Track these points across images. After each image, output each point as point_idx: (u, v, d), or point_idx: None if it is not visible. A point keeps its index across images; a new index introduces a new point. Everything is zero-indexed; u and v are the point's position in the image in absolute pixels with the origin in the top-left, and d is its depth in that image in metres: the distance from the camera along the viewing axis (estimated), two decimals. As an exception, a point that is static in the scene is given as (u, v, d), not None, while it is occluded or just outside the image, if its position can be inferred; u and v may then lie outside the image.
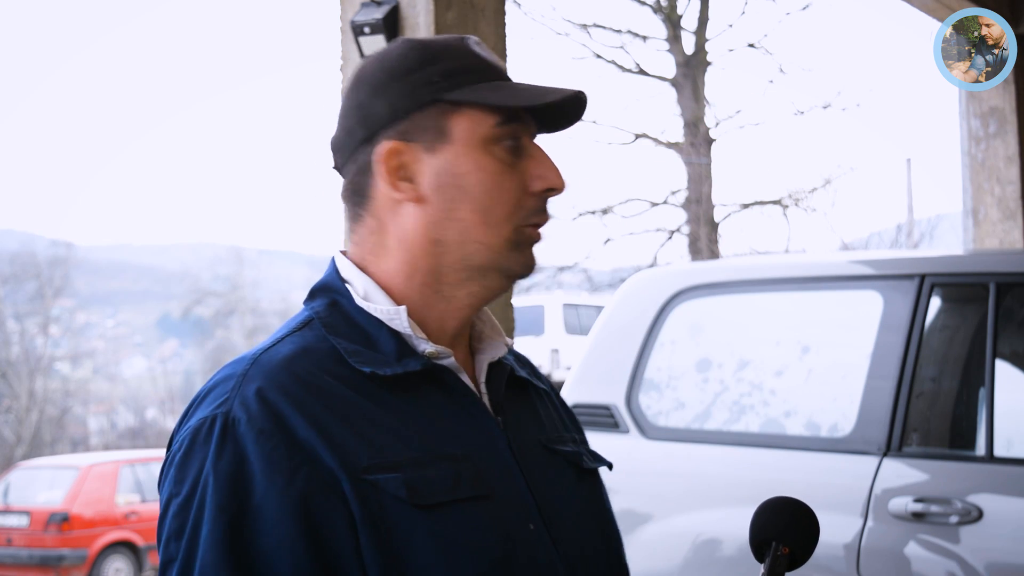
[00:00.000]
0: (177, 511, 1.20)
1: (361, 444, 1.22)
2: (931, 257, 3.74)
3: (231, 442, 1.20)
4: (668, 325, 3.87)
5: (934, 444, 3.43)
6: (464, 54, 1.35)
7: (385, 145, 1.32)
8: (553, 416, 1.47)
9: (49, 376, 31.45)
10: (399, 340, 1.31)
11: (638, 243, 37.68)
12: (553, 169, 1.35)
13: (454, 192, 1.31)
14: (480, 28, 3.90)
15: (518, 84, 1.35)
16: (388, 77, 1.33)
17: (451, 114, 1.32)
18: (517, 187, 1.33)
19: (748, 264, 4.42)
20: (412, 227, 1.33)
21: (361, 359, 1.27)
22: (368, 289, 1.33)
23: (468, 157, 1.31)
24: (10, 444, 27.43)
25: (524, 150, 1.35)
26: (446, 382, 1.31)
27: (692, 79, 18.48)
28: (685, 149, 18.34)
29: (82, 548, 13.51)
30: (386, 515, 1.20)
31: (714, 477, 3.63)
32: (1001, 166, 6.60)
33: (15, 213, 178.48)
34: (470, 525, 1.23)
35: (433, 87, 1.32)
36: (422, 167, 1.32)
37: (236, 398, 1.22)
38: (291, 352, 1.27)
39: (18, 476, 14.85)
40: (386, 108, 1.33)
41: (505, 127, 1.32)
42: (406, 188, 1.32)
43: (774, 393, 3.65)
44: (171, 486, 1.22)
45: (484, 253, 1.32)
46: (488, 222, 1.31)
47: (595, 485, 1.45)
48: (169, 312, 56.99)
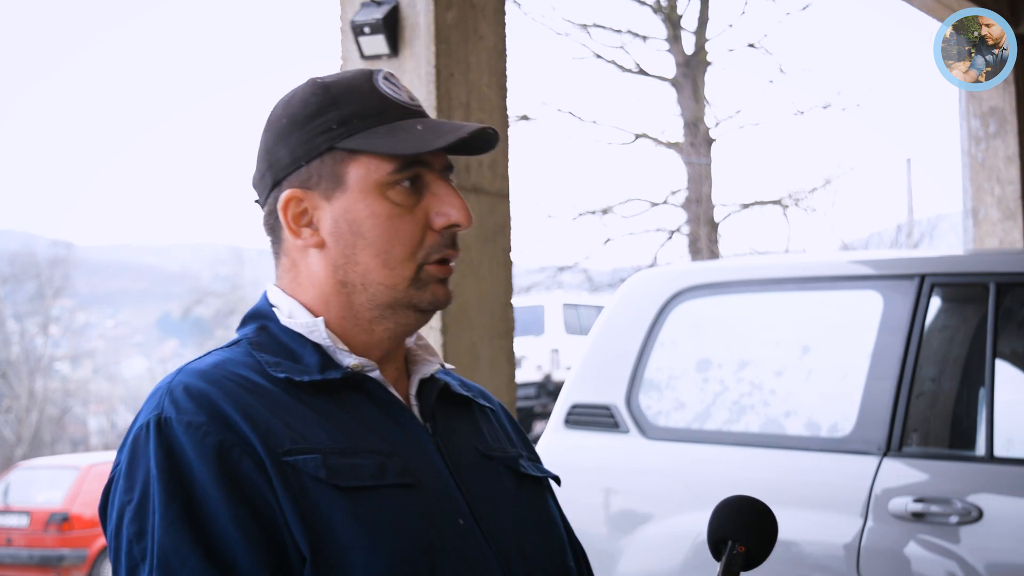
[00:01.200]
0: (133, 516, 1.24)
1: (283, 430, 1.26)
2: (931, 257, 3.74)
3: (164, 438, 1.24)
4: (668, 325, 3.87)
5: (934, 444, 3.42)
6: (365, 96, 1.36)
7: (287, 193, 1.36)
8: (498, 432, 1.49)
9: (49, 376, 31.45)
10: (323, 354, 1.35)
11: (638, 243, 37.71)
12: (455, 205, 1.36)
13: (352, 238, 1.35)
14: (480, 28, 3.90)
15: (417, 125, 1.36)
16: (290, 124, 1.37)
17: (347, 161, 1.34)
18: (417, 227, 1.35)
19: (748, 264, 4.41)
20: (318, 270, 1.37)
21: (279, 368, 1.32)
22: (292, 308, 1.38)
23: (363, 203, 1.34)
24: (10, 444, 27.44)
25: (426, 188, 1.36)
26: (371, 392, 1.35)
27: (692, 79, 18.48)
28: (685, 149, 18.35)
29: (82, 548, 13.49)
30: (307, 495, 1.23)
31: (714, 477, 3.63)
32: (1001, 166, 6.60)
33: (15, 213, 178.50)
34: (393, 510, 1.26)
35: (329, 135, 1.34)
36: (321, 214, 1.36)
37: (165, 400, 1.27)
38: (217, 359, 1.33)
39: (18, 476, 14.85)
40: (287, 156, 1.37)
41: (401, 172, 1.34)
42: (307, 235, 1.37)
43: (774, 393, 3.65)
44: (122, 495, 1.26)
45: (388, 293, 1.35)
46: (388, 264, 1.35)
47: (537, 493, 1.46)
48: (169, 312, 56.97)
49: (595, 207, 18.77)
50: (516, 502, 1.40)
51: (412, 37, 3.79)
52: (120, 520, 1.25)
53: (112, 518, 1.27)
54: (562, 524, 1.49)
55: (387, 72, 1.40)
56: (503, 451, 1.45)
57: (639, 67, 18.66)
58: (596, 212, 18.72)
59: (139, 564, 1.22)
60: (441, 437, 1.37)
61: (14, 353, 30.54)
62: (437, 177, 1.37)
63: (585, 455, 3.81)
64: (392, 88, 1.38)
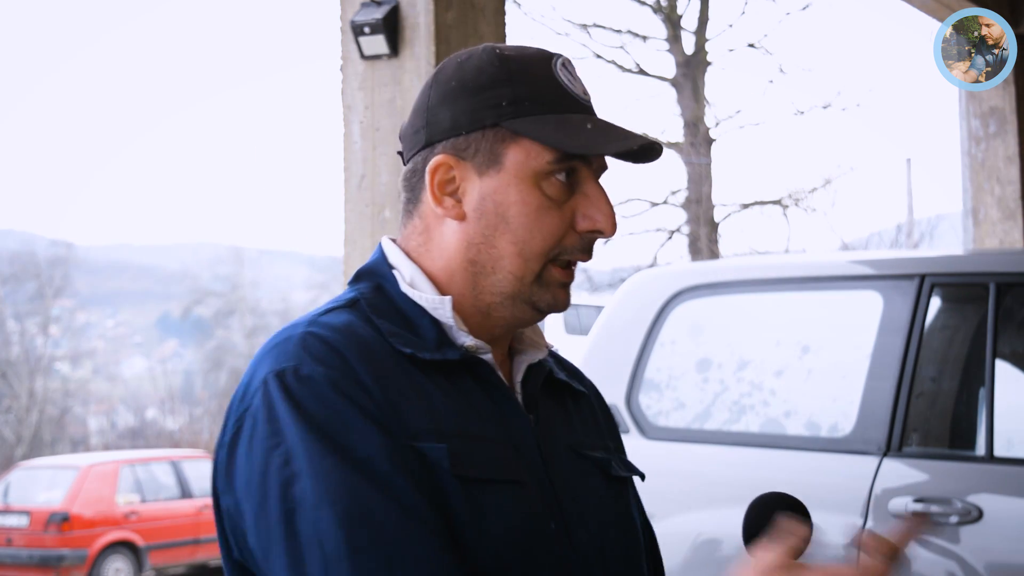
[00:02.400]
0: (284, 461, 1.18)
1: (414, 407, 1.24)
2: (931, 257, 3.74)
3: (308, 385, 1.20)
4: (668, 325, 3.87)
5: (934, 444, 3.42)
6: (542, 79, 1.32)
7: (439, 158, 1.32)
8: (588, 421, 1.47)
9: (49, 376, 31.47)
10: (440, 329, 1.32)
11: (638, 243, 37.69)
12: (604, 212, 1.32)
13: (495, 220, 1.31)
14: (480, 28, 3.90)
15: (588, 121, 1.32)
16: (459, 88, 1.32)
17: (509, 142, 1.30)
18: (561, 224, 1.31)
19: (748, 264, 4.41)
20: (452, 242, 1.33)
21: (402, 340, 1.29)
22: (415, 277, 1.34)
23: (515, 188, 1.30)
24: (10, 444, 27.45)
25: (579, 186, 1.33)
26: (482, 375, 1.32)
27: (692, 79, 18.48)
28: (685, 149, 18.34)
29: (82, 548, 13.50)
30: (434, 480, 1.21)
31: (714, 477, 3.63)
32: (1001, 166, 6.60)
33: (15, 213, 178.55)
34: (504, 508, 1.24)
35: (497, 111, 1.30)
36: (470, 187, 1.32)
37: (302, 352, 1.23)
38: (345, 320, 1.29)
39: (18, 476, 14.85)
40: (449, 120, 1.32)
41: (560, 163, 1.30)
42: (450, 205, 1.32)
43: (774, 393, 3.65)
44: (266, 440, 1.20)
45: (513, 284, 1.32)
46: (523, 254, 1.31)
47: (623, 493, 1.44)
48: (169, 312, 57.00)
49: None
50: (602, 505, 1.38)
51: (412, 37, 3.79)
52: (266, 466, 1.19)
53: (254, 463, 1.20)
54: (640, 524, 1.47)
55: (566, 59, 1.35)
56: (594, 447, 1.43)
57: (639, 67, 18.67)
58: (596, 212, 18.69)
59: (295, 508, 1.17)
60: (542, 429, 1.35)
61: (14, 353, 30.56)
62: (592, 178, 1.34)
63: (585, 455, 3.81)
64: (569, 77, 1.34)
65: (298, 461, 1.18)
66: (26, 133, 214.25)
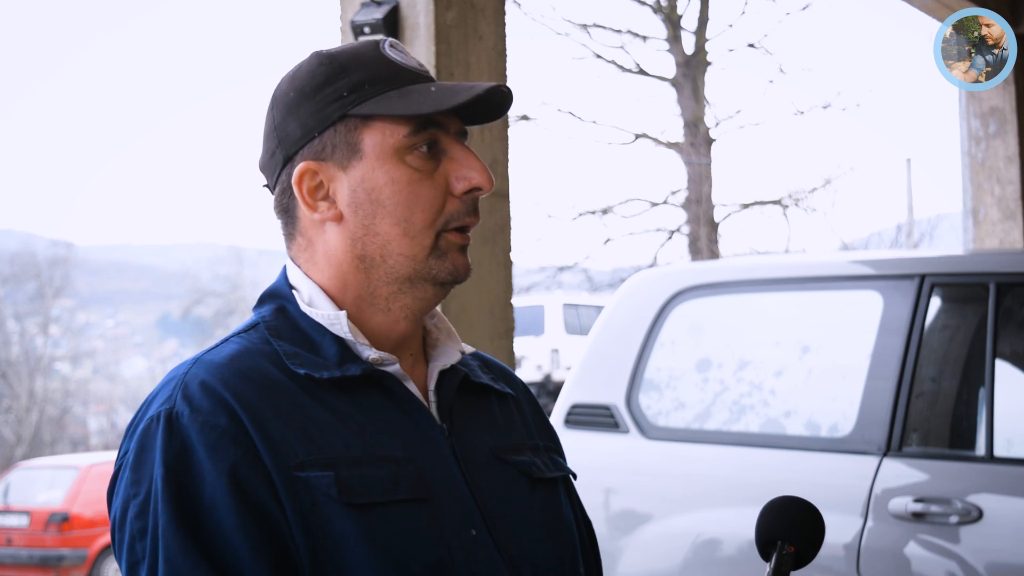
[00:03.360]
0: (138, 512, 1.21)
1: (297, 439, 1.22)
2: (931, 257, 3.74)
3: (177, 435, 1.21)
4: (668, 325, 3.87)
5: (934, 444, 3.42)
6: (373, 62, 1.32)
7: (301, 167, 1.31)
8: (516, 422, 1.45)
9: (49, 376, 31.45)
10: (342, 346, 1.31)
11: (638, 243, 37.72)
12: (476, 168, 1.32)
13: (370, 207, 1.30)
14: (480, 28, 3.90)
15: (431, 87, 1.31)
16: (299, 96, 1.32)
17: (361, 128, 1.30)
18: (438, 192, 1.31)
19: (748, 264, 4.42)
20: (336, 245, 1.33)
21: (298, 361, 1.28)
22: (313, 295, 1.34)
23: (381, 170, 1.30)
24: (10, 444, 27.43)
25: (444, 152, 1.32)
26: (389, 388, 1.31)
27: (692, 79, 18.48)
28: (685, 149, 18.35)
29: (82, 548, 13.49)
30: (318, 511, 1.20)
31: (714, 477, 3.63)
32: (1001, 166, 6.60)
33: (15, 213, 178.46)
34: (405, 527, 1.23)
35: (341, 103, 1.30)
36: (338, 185, 1.31)
37: (179, 394, 1.23)
38: (233, 351, 1.28)
39: (18, 476, 14.84)
40: (299, 129, 1.32)
41: (418, 135, 1.30)
42: (324, 208, 1.32)
43: (774, 393, 3.65)
44: (127, 488, 1.22)
45: (408, 264, 1.31)
46: (408, 233, 1.30)
47: (552, 494, 1.42)
48: (169, 312, 56.98)
49: (595, 207, 18.78)
50: (529, 507, 1.36)
51: (412, 37, 3.79)
52: (124, 513, 1.21)
53: (116, 509, 1.23)
54: (577, 525, 1.45)
55: (393, 40, 1.35)
56: (519, 450, 1.41)
57: (639, 67, 18.67)
58: (596, 212, 18.73)
59: (140, 562, 1.19)
60: (457, 438, 1.33)
61: (14, 353, 30.54)
62: (454, 141, 1.33)
63: (585, 455, 3.80)
64: (400, 54, 1.34)
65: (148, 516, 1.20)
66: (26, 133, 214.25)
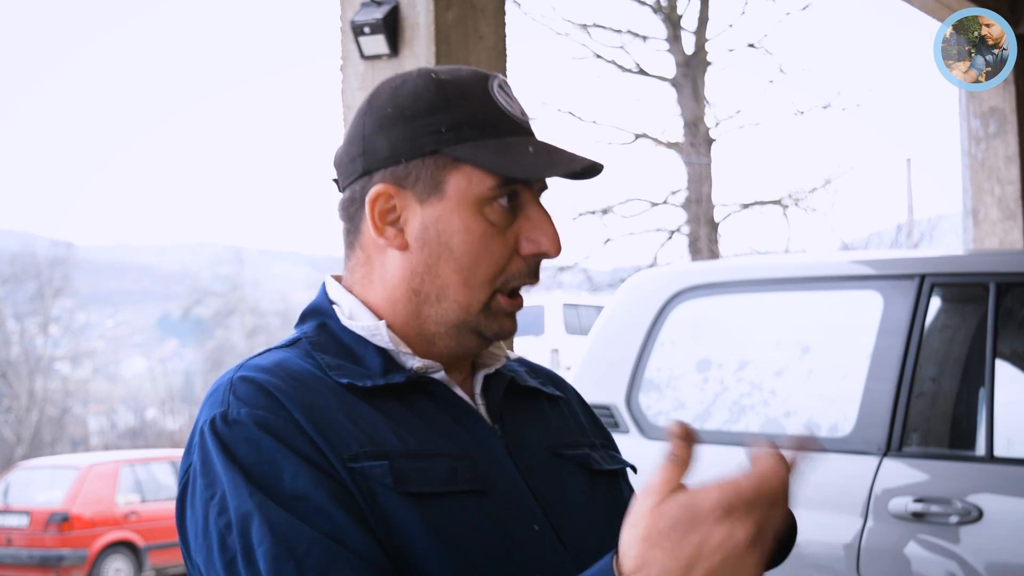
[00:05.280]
0: (219, 512, 1.18)
1: (349, 434, 1.22)
2: (931, 257, 3.74)
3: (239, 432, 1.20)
4: (668, 325, 3.87)
5: (934, 444, 3.42)
6: (480, 103, 1.30)
7: (378, 188, 1.30)
8: (569, 422, 1.45)
9: (49, 376, 31.43)
10: (385, 356, 1.30)
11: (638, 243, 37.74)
12: (548, 234, 1.30)
13: (438, 248, 1.29)
14: (480, 28, 3.90)
15: (529, 143, 1.30)
16: (396, 115, 1.30)
17: (450, 169, 1.28)
18: (506, 249, 1.30)
19: (748, 264, 4.41)
20: (394, 272, 1.32)
21: (340, 372, 1.27)
22: (353, 309, 1.33)
23: (458, 216, 1.28)
24: (10, 444, 27.43)
25: (521, 209, 1.31)
26: (436, 394, 1.30)
27: (692, 79, 18.48)
28: (685, 149, 18.35)
29: (82, 548, 13.50)
30: (378, 502, 1.19)
31: (714, 477, 3.63)
32: (1001, 166, 6.60)
33: (15, 213, 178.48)
34: (467, 518, 1.22)
35: (436, 137, 1.28)
36: (411, 216, 1.30)
37: (230, 398, 1.23)
38: (277, 359, 1.28)
39: (18, 476, 14.85)
40: (387, 148, 1.30)
41: (503, 188, 1.29)
42: (391, 235, 1.31)
43: (774, 393, 3.65)
44: (203, 492, 1.20)
45: (460, 312, 1.30)
46: (468, 283, 1.29)
47: (613, 486, 1.42)
48: (169, 312, 56.97)
49: (595, 207, 18.78)
50: (591, 501, 1.36)
51: (412, 37, 3.79)
52: (206, 518, 1.19)
53: (197, 519, 1.21)
54: None
55: (502, 80, 1.33)
56: (575, 446, 1.41)
57: (639, 67, 18.67)
58: (596, 212, 18.73)
59: (235, 556, 1.16)
60: (510, 438, 1.33)
61: (14, 353, 30.54)
62: (533, 200, 1.32)
63: (585, 455, 3.81)
64: (506, 99, 1.32)
65: (231, 510, 1.18)
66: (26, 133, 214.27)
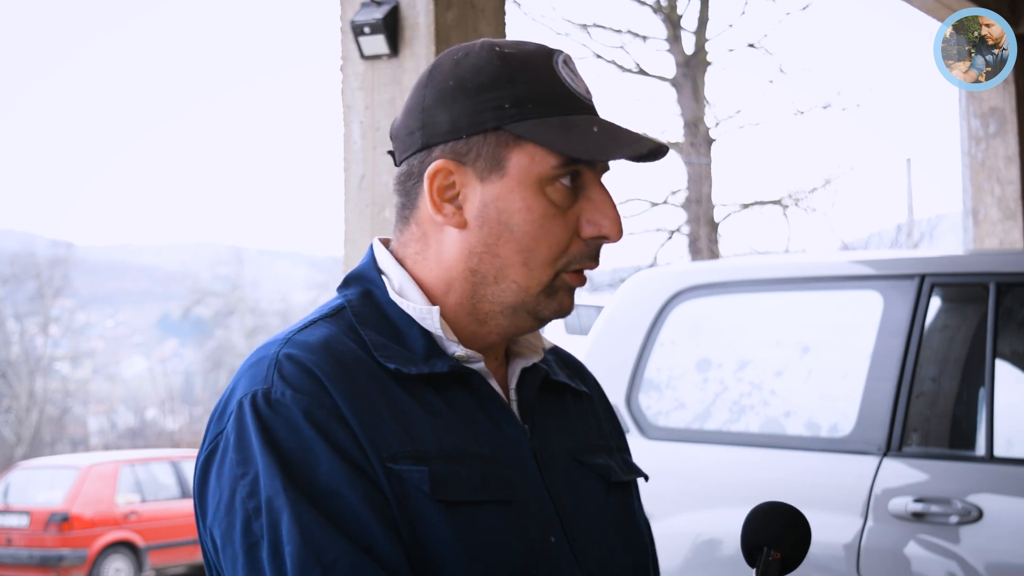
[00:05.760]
0: (249, 492, 1.16)
1: (390, 431, 1.20)
2: (931, 257, 3.74)
3: (281, 415, 1.18)
4: (668, 325, 3.87)
5: (934, 444, 3.42)
6: (543, 77, 1.26)
7: (438, 163, 1.26)
8: (590, 422, 1.43)
9: (49, 376, 31.44)
10: (429, 339, 1.27)
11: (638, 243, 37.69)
12: (610, 216, 1.27)
13: (498, 227, 1.26)
14: (480, 28, 3.90)
15: (594, 123, 1.27)
16: (458, 88, 1.26)
17: (512, 146, 1.25)
18: (567, 231, 1.27)
19: (748, 264, 4.41)
20: (451, 250, 1.28)
21: (387, 354, 1.25)
22: (404, 284, 1.30)
23: (519, 195, 1.25)
24: (10, 444, 27.44)
25: (583, 190, 1.28)
26: (474, 386, 1.29)
27: (692, 79, 18.48)
28: (685, 149, 18.35)
29: (82, 548, 13.50)
30: (410, 506, 1.18)
31: (714, 477, 3.63)
32: (1001, 166, 6.60)
33: (15, 213, 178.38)
34: (493, 528, 1.21)
35: (499, 113, 1.24)
36: (471, 193, 1.26)
37: (275, 374, 1.20)
38: (324, 336, 1.25)
39: (18, 476, 14.85)
40: (447, 122, 1.26)
41: (565, 167, 1.25)
42: (449, 211, 1.27)
43: (774, 393, 3.65)
44: (234, 468, 1.18)
45: (518, 294, 1.27)
46: (528, 264, 1.26)
47: (625, 497, 1.41)
48: (169, 312, 56.95)
49: (595, 207, 18.73)
50: (605, 512, 1.35)
51: (412, 37, 3.79)
52: (233, 495, 1.17)
53: (223, 492, 1.18)
54: (645, 528, 1.45)
55: (567, 55, 1.29)
56: (595, 451, 1.39)
57: (639, 67, 18.66)
58: (596, 212, 18.69)
59: (258, 542, 1.15)
60: (538, 440, 1.31)
61: (14, 353, 30.55)
62: (596, 181, 1.28)
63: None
64: (571, 76, 1.28)
65: (262, 494, 1.16)
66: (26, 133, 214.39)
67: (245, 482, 1.17)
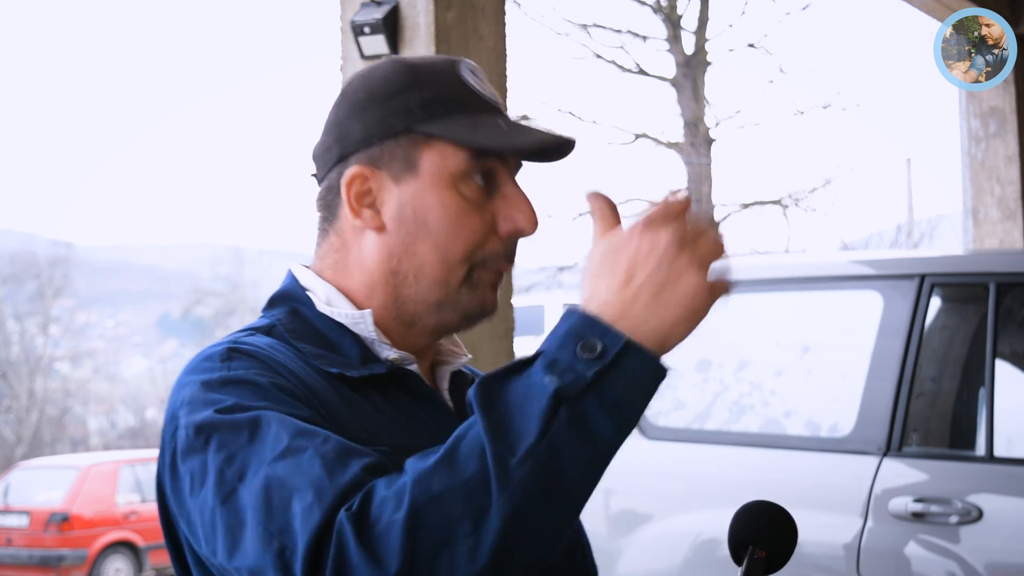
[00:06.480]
0: (223, 441, 1.13)
1: (348, 422, 1.21)
2: (931, 257, 3.74)
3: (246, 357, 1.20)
4: (668, 325, 3.87)
5: (934, 444, 3.43)
6: (449, 81, 1.31)
7: (353, 170, 1.30)
8: None
9: (49, 376, 31.45)
10: (362, 345, 1.30)
11: (638, 243, 37.49)
12: (524, 211, 1.30)
13: (414, 227, 1.29)
14: (480, 28, 3.90)
15: (501, 120, 1.31)
16: (368, 99, 1.32)
17: (422, 146, 1.29)
18: (483, 226, 1.30)
19: (748, 264, 4.41)
20: (372, 255, 1.31)
21: (327, 362, 1.27)
22: (330, 295, 1.33)
23: (433, 192, 1.29)
24: (10, 444, 27.45)
25: (497, 187, 1.31)
26: (411, 387, 1.31)
27: (692, 79, 18.47)
28: (685, 149, 18.34)
29: (82, 548, 13.51)
30: None
31: (714, 477, 3.63)
32: (1001, 166, 6.60)
33: (15, 213, 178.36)
34: None
35: (408, 116, 1.29)
36: (387, 196, 1.30)
37: (229, 361, 1.21)
38: (265, 342, 1.27)
39: (18, 476, 14.86)
40: (361, 131, 1.31)
41: (477, 163, 1.29)
42: (368, 216, 1.31)
43: (774, 393, 3.65)
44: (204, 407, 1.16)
45: (439, 290, 1.30)
46: (446, 261, 1.29)
47: None
48: (169, 312, 56.96)
49: (595, 207, 18.74)
50: None
51: (412, 37, 3.79)
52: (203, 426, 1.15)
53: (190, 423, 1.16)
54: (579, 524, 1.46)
55: (473, 64, 1.34)
56: None
57: (639, 67, 18.66)
58: (596, 212, 18.70)
59: (236, 487, 1.11)
60: None
61: (14, 353, 30.55)
62: (509, 178, 1.32)
63: (585, 455, 3.80)
64: (476, 81, 1.33)
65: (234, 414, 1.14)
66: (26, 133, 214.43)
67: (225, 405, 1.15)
